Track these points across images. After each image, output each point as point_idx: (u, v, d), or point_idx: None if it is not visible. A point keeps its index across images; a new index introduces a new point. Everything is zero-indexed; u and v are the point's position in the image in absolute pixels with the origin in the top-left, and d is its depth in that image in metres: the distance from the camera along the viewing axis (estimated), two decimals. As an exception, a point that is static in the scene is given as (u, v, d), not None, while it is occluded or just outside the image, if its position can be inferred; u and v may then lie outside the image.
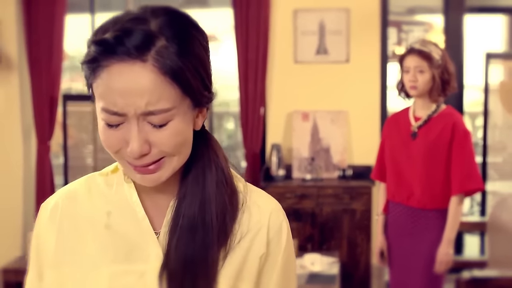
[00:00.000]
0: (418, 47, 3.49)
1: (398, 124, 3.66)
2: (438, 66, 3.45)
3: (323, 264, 4.17)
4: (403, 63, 3.54)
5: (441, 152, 3.47)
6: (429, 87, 3.48)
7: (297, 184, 5.37)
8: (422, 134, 3.53)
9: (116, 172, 1.33)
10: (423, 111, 3.56)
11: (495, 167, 5.96)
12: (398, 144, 3.63)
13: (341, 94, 5.67)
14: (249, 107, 5.59)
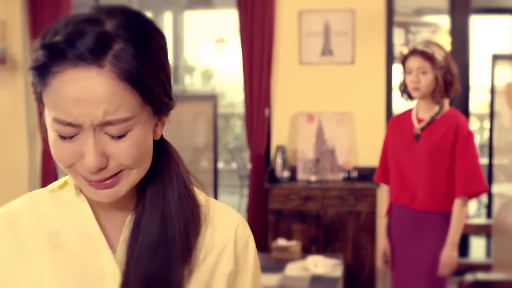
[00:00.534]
0: (421, 48, 3.46)
1: (401, 126, 3.63)
2: (441, 67, 3.42)
3: (326, 266, 4.15)
4: (406, 64, 3.51)
5: (444, 154, 3.45)
6: (431, 89, 3.45)
7: (302, 186, 5.35)
8: (425, 136, 3.51)
9: (65, 187, 1.21)
10: (426, 112, 3.54)
11: (502, 169, 5.92)
12: (401, 146, 3.60)
13: (346, 95, 5.65)
14: (253, 108, 5.57)
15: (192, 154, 5.98)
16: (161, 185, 1.16)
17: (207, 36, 10.95)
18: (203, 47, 12.00)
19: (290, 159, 5.62)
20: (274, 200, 5.28)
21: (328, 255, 4.60)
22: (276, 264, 4.32)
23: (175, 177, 1.18)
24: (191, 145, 5.91)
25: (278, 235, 5.21)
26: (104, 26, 1.04)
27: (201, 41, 11.82)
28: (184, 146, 5.93)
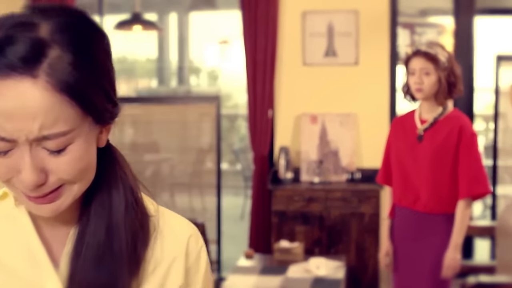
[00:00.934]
0: (424, 49, 3.44)
1: (404, 127, 3.62)
2: (444, 68, 3.41)
3: (328, 268, 4.14)
4: (409, 65, 3.50)
5: (448, 156, 3.43)
6: (435, 90, 3.43)
7: (305, 187, 5.34)
8: (428, 137, 3.49)
9: (4, 198, 1.12)
10: (429, 114, 3.52)
11: (507, 171, 5.90)
12: (404, 148, 3.59)
13: (350, 96, 5.64)
14: (257, 109, 5.56)
15: (197, 155, 5.98)
16: (107, 195, 1.09)
17: (213, 37, 10.94)
18: (208, 48, 11.99)
19: (293, 161, 5.60)
20: (278, 202, 5.27)
21: (331, 257, 4.59)
22: (279, 266, 4.31)
23: (122, 185, 1.10)
24: (196, 146, 5.91)
25: (281, 236, 5.19)
26: (39, 30, 0.95)
27: (206, 42, 11.82)
28: (188, 147, 5.93)
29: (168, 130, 5.93)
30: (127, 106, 6.10)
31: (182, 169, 6.14)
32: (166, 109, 5.87)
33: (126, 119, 6.07)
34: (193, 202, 6.04)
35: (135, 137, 6.17)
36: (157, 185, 6.25)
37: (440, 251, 3.45)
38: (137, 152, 6.08)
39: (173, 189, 6.21)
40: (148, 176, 6.20)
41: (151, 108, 5.96)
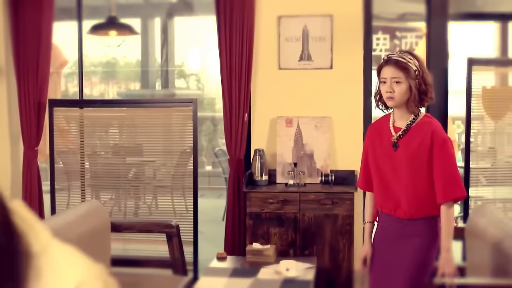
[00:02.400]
0: (395, 58, 3.49)
1: (380, 134, 3.67)
2: (415, 76, 3.46)
3: (298, 270, 4.19)
4: (381, 73, 3.55)
5: (423, 162, 3.48)
6: (406, 98, 3.48)
7: (280, 189, 5.40)
8: (403, 144, 3.54)
9: None
10: (402, 121, 3.57)
11: (483, 173, 5.96)
12: (381, 155, 3.63)
13: (324, 100, 5.70)
14: (233, 112, 5.62)
15: (179, 158, 6.03)
16: None
17: (196, 41, 11.00)
18: (193, 52, 12.05)
19: (269, 163, 5.67)
20: (253, 204, 5.33)
21: (302, 259, 4.64)
22: (250, 268, 4.37)
23: None
24: (178, 148, 5.96)
25: (256, 238, 5.25)
26: None
27: (190, 46, 11.87)
28: (172, 150, 5.98)
29: (151, 133, 5.98)
30: (107, 109, 6.15)
31: (164, 171, 6.19)
32: (149, 112, 5.92)
33: (107, 121, 6.12)
34: (175, 204, 6.09)
35: (119, 139, 6.22)
36: (140, 187, 6.31)
37: (418, 253, 3.51)
38: (120, 155, 6.13)
39: (156, 191, 6.26)
40: (131, 178, 6.26)
41: (133, 111, 6.01)
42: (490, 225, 3.80)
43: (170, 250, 4.75)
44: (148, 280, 4.58)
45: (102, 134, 6.22)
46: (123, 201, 6.25)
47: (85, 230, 4.35)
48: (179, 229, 4.79)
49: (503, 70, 5.92)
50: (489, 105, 5.77)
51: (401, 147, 3.53)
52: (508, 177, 5.82)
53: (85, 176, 6.07)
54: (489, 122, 5.86)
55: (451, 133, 7.96)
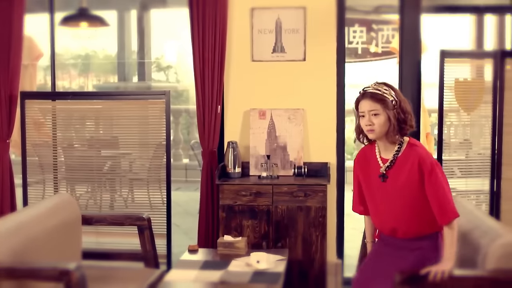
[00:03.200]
0: (370, 91, 3.55)
1: (367, 164, 3.70)
2: (392, 107, 3.51)
3: (269, 262, 4.19)
4: (359, 107, 3.59)
5: (414, 189, 3.51)
6: (386, 129, 3.52)
7: (253, 182, 5.39)
8: (391, 175, 3.58)
9: None
10: (387, 152, 3.61)
11: (458, 164, 5.99)
12: (371, 185, 3.67)
13: (298, 92, 5.70)
14: (206, 105, 5.60)
15: (155, 150, 6.01)
16: None
17: (172, 33, 10.96)
18: (169, 44, 12.01)
19: (242, 155, 5.66)
20: (225, 196, 5.32)
21: (276, 251, 4.64)
22: (221, 260, 4.36)
23: None
24: (155, 141, 5.93)
25: (229, 231, 5.24)
26: None
27: (167, 39, 11.83)
28: (148, 142, 5.95)
29: (127, 125, 5.95)
30: (81, 102, 6.12)
31: (140, 164, 6.17)
32: (124, 105, 5.89)
33: (82, 114, 6.09)
34: (151, 197, 6.07)
35: (94, 132, 6.19)
36: (116, 180, 6.28)
37: (416, 259, 3.56)
38: (95, 148, 6.10)
39: (132, 184, 6.23)
40: (106, 171, 6.23)
41: (108, 104, 5.98)
42: (461, 216, 3.80)
43: (142, 243, 4.73)
44: (120, 273, 4.55)
45: (77, 127, 6.18)
46: (98, 194, 6.22)
47: (55, 223, 4.33)
48: (150, 222, 4.77)
49: (479, 63, 5.94)
50: (461, 97, 5.79)
51: (390, 178, 3.57)
52: (482, 169, 5.85)
53: (60, 169, 6.04)
54: (464, 114, 5.88)
55: (426, 125, 7.99)
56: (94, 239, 5.85)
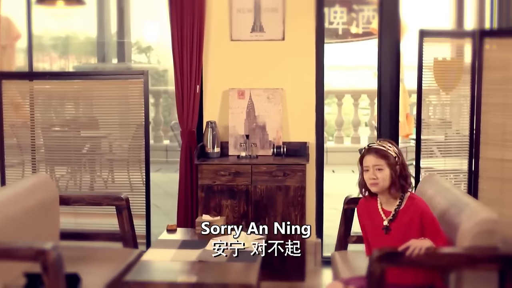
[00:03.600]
0: (375, 147, 3.72)
1: (370, 215, 3.84)
2: (395, 163, 3.68)
3: (248, 241, 4.18)
4: (363, 162, 3.75)
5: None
6: (388, 183, 3.68)
7: (232, 162, 5.38)
8: (394, 228, 3.70)
9: None
10: (389, 205, 3.76)
11: (437, 144, 6.00)
12: (375, 235, 3.79)
13: (277, 72, 5.69)
14: (184, 85, 5.57)
15: (135, 131, 5.98)
16: None
17: (152, 13, 10.90)
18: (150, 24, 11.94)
19: (221, 135, 5.64)
20: (204, 176, 5.31)
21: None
22: (200, 240, 4.35)
23: None
24: (135, 121, 5.90)
25: (208, 211, 5.24)
26: None
27: (147, 19, 11.76)
28: (128, 122, 5.92)
29: (106, 105, 5.91)
30: (60, 82, 6.06)
31: (120, 144, 6.13)
32: (102, 85, 5.85)
33: (61, 94, 6.04)
34: (131, 178, 6.04)
35: (74, 113, 6.15)
36: (96, 161, 6.25)
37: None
38: (75, 129, 6.05)
39: (112, 165, 6.20)
40: (86, 152, 6.19)
41: (87, 84, 5.93)
42: (437, 194, 3.84)
43: (120, 223, 4.72)
44: (98, 253, 4.55)
45: (56, 108, 6.14)
46: (78, 176, 6.19)
47: (33, 203, 4.31)
48: (128, 202, 4.75)
49: (459, 42, 5.94)
50: (440, 77, 5.80)
51: (393, 231, 3.71)
52: (461, 149, 5.88)
53: (40, 150, 6.00)
54: (444, 94, 5.89)
55: (406, 106, 8.00)
56: (73, 220, 5.83)
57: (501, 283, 3.45)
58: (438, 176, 4.69)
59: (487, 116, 5.71)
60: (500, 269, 3.43)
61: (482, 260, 3.39)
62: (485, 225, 3.45)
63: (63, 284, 3.45)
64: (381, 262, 3.36)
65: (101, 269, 4.16)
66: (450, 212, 3.76)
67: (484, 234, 3.44)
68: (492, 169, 5.71)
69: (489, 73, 5.64)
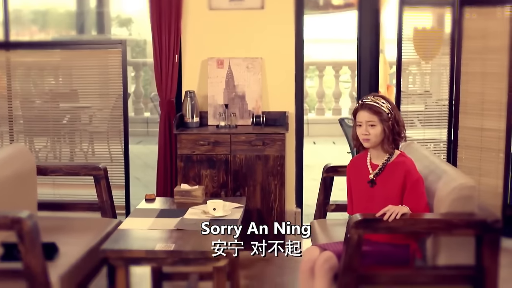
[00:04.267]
0: (369, 103, 3.73)
1: (359, 169, 3.87)
2: (388, 119, 3.69)
3: (226, 210, 4.17)
4: (356, 117, 3.78)
5: (397, 199, 3.62)
6: (380, 139, 3.73)
7: (211, 131, 5.36)
8: (379, 181, 3.74)
9: None
10: (378, 159, 3.80)
11: (417, 115, 6.01)
12: (361, 189, 3.82)
13: (256, 41, 5.65)
14: (163, 54, 5.52)
15: (116, 101, 5.93)
16: None
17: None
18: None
19: (200, 105, 5.61)
20: (183, 146, 5.28)
21: (234, 199, 4.61)
22: (178, 209, 4.33)
23: None
24: (114, 92, 5.84)
25: (187, 181, 5.22)
26: None
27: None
28: (109, 93, 5.87)
29: (86, 76, 5.85)
30: (38, 52, 5.99)
31: (100, 116, 6.08)
32: (81, 55, 5.79)
33: (40, 65, 5.96)
34: (112, 149, 6.00)
35: (54, 84, 6.08)
36: (76, 133, 6.19)
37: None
38: (54, 100, 5.99)
39: (92, 137, 6.15)
40: (66, 124, 6.13)
41: (65, 54, 5.87)
42: (416, 162, 3.83)
43: (98, 193, 4.69)
44: (76, 223, 4.51)
45: (35, 79, 6.07)
46: (58, 148, 6.14)
47: (9, 173, 4.26)
48: (107, 172, 4.71)
49: (439, 11, 5.92)
50: (420, 46, 5.79)
51: (378, 185, 3.74)
52: (440, 119, 5.89)
53: (18, 122, 5.94)
54: (423, 63, 5.89)
55: (386, 77, 8.01)
56: (51, 191, 5.79)
57: (477, 248, 3.46)
58: (417, 144, 4.69)
59: (467, 86, 5.72)
60: (477, 234, 3.45)
61: (459, 226, 3.40)
62: (462, 191, 3.45)
63: (39, 253, 3.42)
64: (358, 228, 3.36)
65: (79, 239, 4.13)
66: (428, 180, 3.77)
67: (461, 200, 3.45)
68: (471, 138, 5.73)
69: (468, 42, 5.65)
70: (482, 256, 3.43)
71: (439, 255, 3.54)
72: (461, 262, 3.52)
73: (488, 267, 3.42)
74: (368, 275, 3.45)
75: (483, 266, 3.43)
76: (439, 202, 3.54)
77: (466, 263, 3.52)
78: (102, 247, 3.58)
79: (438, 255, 3.54)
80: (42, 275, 3.41)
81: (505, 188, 5.52)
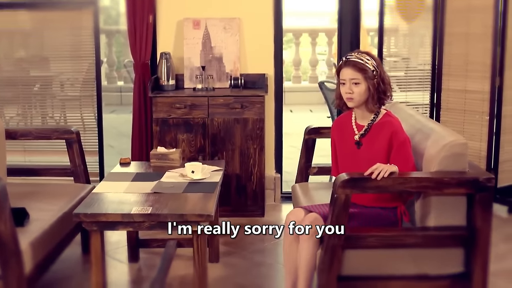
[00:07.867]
0: (353, 59, 3.53)
1: (344, 129, 3.71)
2: (373, 76, 3.51)
3: (205, 173, 4.01)
4: (340, 75, 3.59)
5: (384, 160, 3.47)
6: (365, 98, 3.55)
7: (188, 94, 5.17)
8: (365, 142, 3.59)
9: None
10: (363, 120, 3.64)
11: (397, 81, 5.88)
12: (346, 150, 3.67)
13: (233, 0, 5.45)
14: (137, 14, 5.31)
15: (89, 66, 5.71)
16: None
17: None
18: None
19: (176, 67, 5.42)
20: (159, 109, 5.10)
21: (212, 163, 4.45)
22: (154, 172, 4.16)
23: None
24: (89, 55, 5.62)
25: (164, 145, 5.04)
26: None
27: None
28: (81, 55, 5.64)
29: (58, 38, 5.62)
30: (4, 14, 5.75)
31: (73, 80, 5.84)
32: (52, 17, 5.55)
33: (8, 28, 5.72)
34: (84, 117, 5.79)
35: (24, 51, 5.83)
36: (48, 101, 5.95)
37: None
38: (25, 67, 5.75)
39: (64, 105, 5.92)
40: (36, 92, 5.89)
41: (35, 16, 5.63)
42: (402, 121, 3.68)
43: (71, 157, 4.51)
44: (48, 188, 4.34)
45: (3, 45, 5.82)
46: (29, 117, 5.90)
47: (-24, 137, 4.06)
48: (79, 136, 4.53)
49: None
50: (402, 6, 5.64)
51: (364, 145, 3.59)
52: (422, 82, 5.77)
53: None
54: (406, 24, 5.75)
55: (365, 45, 7.85)
56: (22, 158, 5.59)
57: (469, 208, 3.33)
58: (401, 103, 4.56)
59: (450, 47, 5.57)
60: (469, 193, 3.31)
61: (450, 185, 3.25)
62: (453, 148, 3.31)
63: (9, 218, 3.23)
64: (346, 187, 3.20)
65: (51, 204, 3.96)
66: (415, 139, 3.63)
67: (452, 158, 3.30)
68: (455, 101, 5.61)
69: (452, 1, 5.50)
70: (473, 217, 3.30)
71: (428, 217, 3.39)
72: (451, 223, 3.38)
73: (480, 228, 3.29)
74: (355, 236, 3.30)
75: (475, 227, 3.30)
76: (428, 161, 3.40)
77: (457, 224, 3.38)
78: (75, 211, 3.39)
79: (427, 217, 3.40)
80: (11, 242, 3.24)
81: (489, 151, 5.41)
